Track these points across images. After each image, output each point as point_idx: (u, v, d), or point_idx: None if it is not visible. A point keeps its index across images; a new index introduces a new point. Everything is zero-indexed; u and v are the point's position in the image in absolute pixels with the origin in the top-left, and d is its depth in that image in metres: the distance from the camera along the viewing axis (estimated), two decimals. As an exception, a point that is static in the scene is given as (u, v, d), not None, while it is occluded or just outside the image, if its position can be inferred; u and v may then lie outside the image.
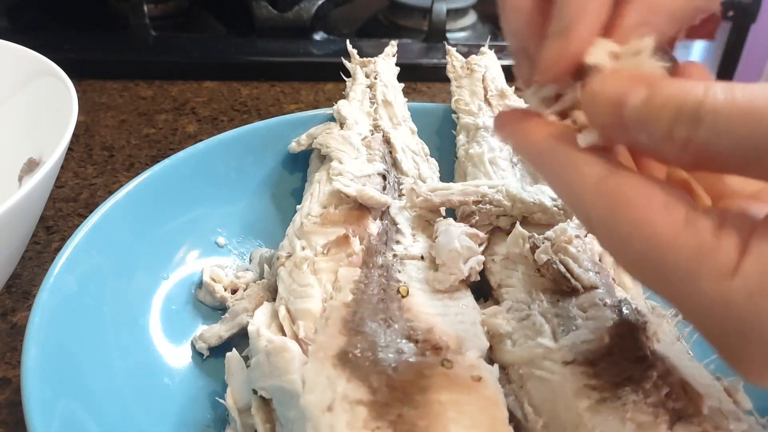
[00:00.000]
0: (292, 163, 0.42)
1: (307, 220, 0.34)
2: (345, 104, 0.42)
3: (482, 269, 0.33)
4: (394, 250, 0.32)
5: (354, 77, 0.46)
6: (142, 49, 0.63)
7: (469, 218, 0.34)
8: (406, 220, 0.35)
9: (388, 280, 0.30)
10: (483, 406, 0.24)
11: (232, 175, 0.40)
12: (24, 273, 0.39)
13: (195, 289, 0.36)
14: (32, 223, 0.35)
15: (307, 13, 0.68)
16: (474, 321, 0.29)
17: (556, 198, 0.33)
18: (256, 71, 0.63)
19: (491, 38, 0.54)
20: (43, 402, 0.25)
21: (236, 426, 0.28)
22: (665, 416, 0.23)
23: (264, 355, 0.26)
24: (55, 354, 0.28)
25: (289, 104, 0.59)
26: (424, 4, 0.71)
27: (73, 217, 0.44)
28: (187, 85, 0.61)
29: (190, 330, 0.34)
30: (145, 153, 0.51)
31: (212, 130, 0.55)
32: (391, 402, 0.24)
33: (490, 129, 0.41)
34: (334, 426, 0.23)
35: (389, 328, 0.27)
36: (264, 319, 0.29)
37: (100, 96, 0.58)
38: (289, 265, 0.31)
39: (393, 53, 0.50)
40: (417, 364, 0.26)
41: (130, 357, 0.31)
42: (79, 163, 0.50)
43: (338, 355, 0.25)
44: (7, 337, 0.36)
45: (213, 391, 0.31)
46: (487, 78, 0.46)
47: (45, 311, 0.29)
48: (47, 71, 0.40)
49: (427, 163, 0.41)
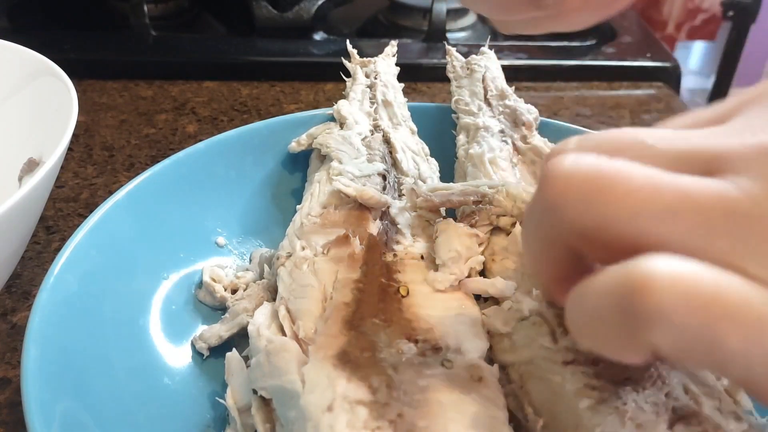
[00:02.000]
0: (292, 163, 0.42)
1: (307, 220, 0.34)
2: (345, 104, 0.42)
3: (482, 269, 0.33)
4: (394, 250, 0.32)
5: (354, 77, 0.46)
6: (142, 49, 0.63)
7: (469, 218, 0.34)
8: (406, 220, 0.35)
9: (388, 280, 0.30)
10: (483, 406, 0.24)
11: (232, 175, 0.40)
12: (24, 273, 0.39)
13: (195, 289, 0.36)
14: (32, 223, 0.35)
15: (307, 13, 0.68)
16: (474, 321, 0.29)
17: None
18: (256, 71, 0.63)
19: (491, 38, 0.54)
20: (43, 402, 0.25)
21: (236, 426, 0.28)
22: (665, 416, 0.23)
23: (264, 355, 0.26)
24: (55, 354, 0.28)
25: (289, 104, 0.59)
26: (424, 4, 0.71)
27: (73, 217, 0.44)
28: (187, 85, 0.61)
29: (190, 330, 0.34)
30: (145, 153, 0.51)
31: (212, 130, 0.55)
32: (391, 402, 0.24)
33: (490, 129, 0.41)
34: (334, 426, 0.23)
35: (389, 328, 0.27)
36: (264, 319, 0.29)
37: (100, 96, 0.58)
38: (289, 265, 0.31)
39: (393, 53, 0.50)
40: (417, 364, 0.26)
41: (130, 357, 0.31)
42: (79, 163, 0.50)
43: (338, 355, 0.26)
44: (7, 337, 0.36)
45: (213, 391, 0.31)
46: (487, 78, 0.46)
47: (45, 311, 0.29)
48: (47, 71, 0.40)
49: (427, 163, 0.41)
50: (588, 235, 0.19)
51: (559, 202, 0.19)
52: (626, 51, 0.68)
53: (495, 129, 0.41)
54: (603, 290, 0.17)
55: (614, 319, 0.17)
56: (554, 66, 0.65)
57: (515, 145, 0.41)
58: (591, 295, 0.18)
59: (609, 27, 0.72)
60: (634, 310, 0.16)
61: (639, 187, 0.18)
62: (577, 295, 0.19)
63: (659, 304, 0.16)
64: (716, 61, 1.74)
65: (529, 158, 0.40)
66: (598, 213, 0.18)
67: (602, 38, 0.70)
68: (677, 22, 1.81)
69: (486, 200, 0.34)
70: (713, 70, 1.80)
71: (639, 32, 0.72)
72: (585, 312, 0.18)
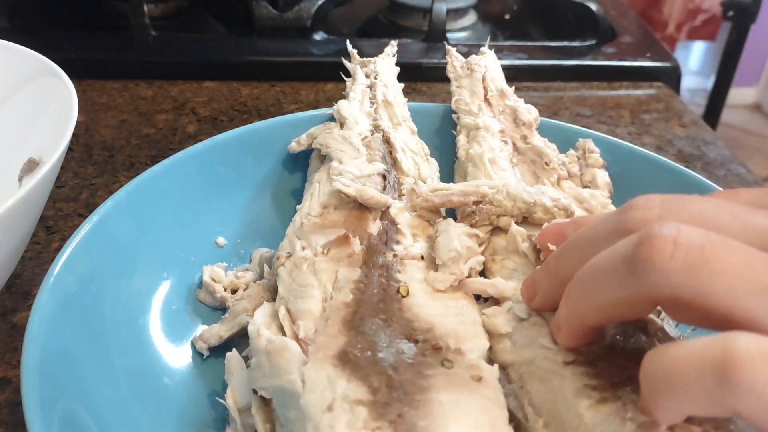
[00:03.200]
0: (292, 163, 0.42)
1: (307, 220, 0.34)
2: (345, 104, 0.42)
3: (482, 269, 0.33)
4: (394, 250, 0.32)
5: (354, 77, 0.46)
6: (142, 49, 0.63)
7: (469, 218, 0.34)
8: (406, 220, 0.34)
9: (388, 280, 0.30)
10: (483, 406, 0.24)
11: (232, 175, 0.40)
12: (24, 273, 0.39)
13: (195, 289, 0.36)
14: (32, 223, 0.35)
15: (307, 13, 0.68)
16: (474, 321, 0.29)
17: (557, 198, 0.34)
18: (256, 71, 0.63)
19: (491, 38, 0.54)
20: (43, 402, 0.25)
21: (236, 426, 0.28)
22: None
23: (264, 355, 0.26)
24: (55, 354, 0.28)
25: (289, 104, 0.59)
26: (424, 4, 0.71)
27: (73, 217, 0.44)
28: (187, 85, 0.61)
29: (190, 330, 0.34)
30: (145, 153, 0.51)
31: (212, 130, 0.55)
32: (391, 402, 0.24)
33: (490, 129, 0.41)
34: (334, 426, 0.23)
35: (389, 328, 0.27)
36: (264, 319, 0.29)
37: (100, 96, 0.58)
38: (289, 265, 0.31)
39: (393, 53, 0.50)
40: (417, 364, 0.26)
41: (130, 357, 0.31)
42: (79, 163, 0.50)
43: (338, 355, 0.26)
44: (7, 337, 0.36)
45: (213, 391, 0.31)
46: (487, 78, 0.46)
47: (45, 311, 0.29)
48: (47, 71, 0.40)
49: (427, 163, 0.41)
50: (684, 299, 0.21)
51: (666, 266, 0.20)
52: (626, 51, 0.68)
53: (495, 129, 0.41)
54: (697, 358, 0.19)
55: (704, 384, 0.19)
56: (554, 66, 0.66)
57: (515, 145, 0.41)
58: (681, 358, 0.20)
59: (609, 27, 0.72)
60: (727, 380, 0.18)
61: (739, 262, 0.20)
62: (663, 356, 0.20)
63: (753, 380, 0.18)
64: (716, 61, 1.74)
65: (529, 158, 0.40)
66: (700, 283, 0.20)
67: (602, 38, 0.70)
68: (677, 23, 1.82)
69: (486, 200, 0.34)
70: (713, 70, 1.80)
71: (639, 32, 0.72)
72: (670, 372, 0.20)
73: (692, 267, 0.20)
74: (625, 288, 0.22)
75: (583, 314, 0.24)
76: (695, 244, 0.20)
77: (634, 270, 0.21)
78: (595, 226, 0.25)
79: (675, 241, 0.20)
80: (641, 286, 0.21)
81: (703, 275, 0.20)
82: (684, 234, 0.20)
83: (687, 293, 0.20)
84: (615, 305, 0.23)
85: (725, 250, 0.20)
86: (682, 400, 0.20)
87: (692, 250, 0.20)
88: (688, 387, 0.19)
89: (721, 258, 0.20)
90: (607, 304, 0.23)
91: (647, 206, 0.23)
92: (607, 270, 0.23)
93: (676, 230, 0.21)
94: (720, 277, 0.20)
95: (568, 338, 0.25)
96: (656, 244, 0.20)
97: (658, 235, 0.21)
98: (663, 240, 0.20)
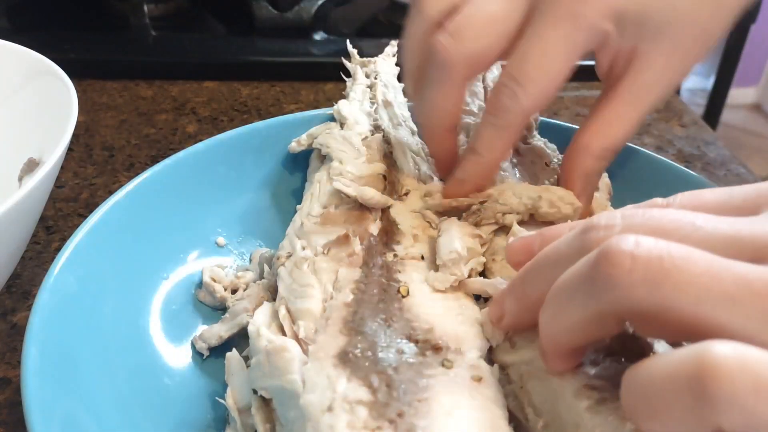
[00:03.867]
0: (292, 163, 0.42)
1: (307, 220, 0.34)
2: (345, 104, 0.42)
3: (482, 269, 0.33)
4: (394, 250, 0.32)
5: (354, 77, 0.46)
6: (142, 49, 0.63)
7: (473, 216, 0.34)
8: (407, 220, 0.34)
9: (388, 280, 0.30)
10: (483, 406, 0.24)
11: (232, 175, 0.40)
12: (24, 273, 0.39)
13: (195, 289, 0.36)
14: (32, 223, 0.35)
15: (307, 13, 0.68)
16: (474, 321, 0.29)
17: (563, 197, 0.34)
18: (256, 71, 0.63)
19: (491, 38, 0.54)
20: (43, 402, 0.25)
21: (236, 426, 0.28)
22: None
23: (264, 355, 0.26)
24: (55, 354, 0.28)
25: (289, 104, 0.59)
26: (424, 4, 0.71)
27: (73, 217, 0.44)
28: (187, 85, 0.61)
29: (190, 330, 0.34)
30: (145, 153, 0.51)
31: (212, 130, 0.55)
32: (391, 402, 0.24)
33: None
34: (334, 426, 0.23)
35: (389, 328, 0.27)
36: (264, 319, 0.29)
37: (100, 96, 0.58)
38: (289, 265, 0.31)
39: (393, 53, 0.50)
40: (417, 364, 0.26)
41: (130, 357, 0.31)
42: (79, 163, 0.50)
43: (338, 355, 0.26)
44: (7, 337, 0.36)
45: (213, 391, 0.31)
46: (487, 78, 0.46)
47: (45, 311, 0.29)
48: (47, 71, 0.40)
49: (428, 163, 0.41)
50: (648, 313, 0.20)
51: (625, 281, 0.20)
52: (626, 51, 0.68)
53: (495, 129, 0.41)
54: (671, 373, 0.18)
55: (682, 402, 0.18)
56: (554, 66, 0.65)
57: (515, 145, 0.41)
58: (656, 377, 0.19)
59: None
60: (705, 395, 0.17)
61: (701, 272, 0.19)
62: (638, 375, 0.20)
63: (732, 391, 0.17)
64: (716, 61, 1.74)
65: (529, 158, 0.40)
66: (664, 296, 0.19)
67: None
68: (677, 22, 1.80)
69: (492, 199, 0.34)
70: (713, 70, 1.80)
71: (639, 32, 0.72)
72: (648, 392, 0.19)
73: (654, 280, 0.19)
74: (589, 307, 0.21)
75: (557, 338, 0.23)
76: (654, 256, 0.19)
77: (595, 288, 0.20)
78: (558, 246, 0.24)
79: (632, 255, 0.20)
80: (604, 304, 0.21)
81: (665, 288, 0.19)
82: (642, 247, 0.20)
83: (651, 307, 0.19)
84: (584, 325, 0.22)
85: (686, 260, 0.19)
86: (666, 422, 0.19)
87: (652, 262, 0.19)
88: (668, 408, 0.18)
89: (683, 269, 0.19)
90: (576, 326, 0.22)
91: (608, 224, 0.22)
92: (571, 291, 0.22)
93: (634, 243, 0.20)
94: (684, 289, 0.19)
95: (554, 363, 0.24)
96: (613, 260, 0.20)
97: (615, 249, 0.20)
98: (621, 254, 0.20)
